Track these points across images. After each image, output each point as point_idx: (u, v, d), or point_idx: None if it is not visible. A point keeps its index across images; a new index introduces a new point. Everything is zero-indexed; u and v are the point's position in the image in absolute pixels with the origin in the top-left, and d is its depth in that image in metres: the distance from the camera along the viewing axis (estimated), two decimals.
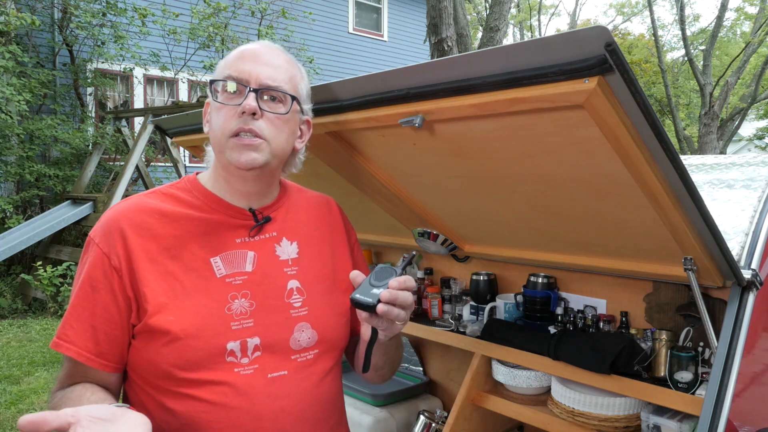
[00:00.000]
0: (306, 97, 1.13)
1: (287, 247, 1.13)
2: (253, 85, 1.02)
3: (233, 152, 1.02)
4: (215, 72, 1.09)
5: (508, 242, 1.81)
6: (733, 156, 2.05)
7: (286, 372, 1.04)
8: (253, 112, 1.01)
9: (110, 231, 1.02)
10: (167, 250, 1.02)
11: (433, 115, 1.15)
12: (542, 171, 1.26)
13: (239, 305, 1.03)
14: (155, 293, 0.99)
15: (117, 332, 1.00)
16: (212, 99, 1.07)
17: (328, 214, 1.24)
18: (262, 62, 1.04)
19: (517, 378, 1.80)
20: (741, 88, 16.30)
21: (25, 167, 7.15)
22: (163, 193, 1.10)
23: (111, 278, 1.00)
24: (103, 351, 1.00)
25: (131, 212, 1.04)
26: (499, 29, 7.64)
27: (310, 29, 11.05)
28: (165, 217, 1.05)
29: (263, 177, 1.10)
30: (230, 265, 1.05)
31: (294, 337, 1.07)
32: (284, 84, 1.05)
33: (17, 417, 3.72)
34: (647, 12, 16.75)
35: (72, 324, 1.00)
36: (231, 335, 1.01)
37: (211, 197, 1.09)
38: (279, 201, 1.16)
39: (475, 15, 18.71)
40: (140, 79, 9.44)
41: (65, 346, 1.00)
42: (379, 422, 2.07)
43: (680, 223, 1.20)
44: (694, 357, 1.43)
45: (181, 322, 0.98)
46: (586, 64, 0.88)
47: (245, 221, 1.10)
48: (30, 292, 6.44)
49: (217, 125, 1.04)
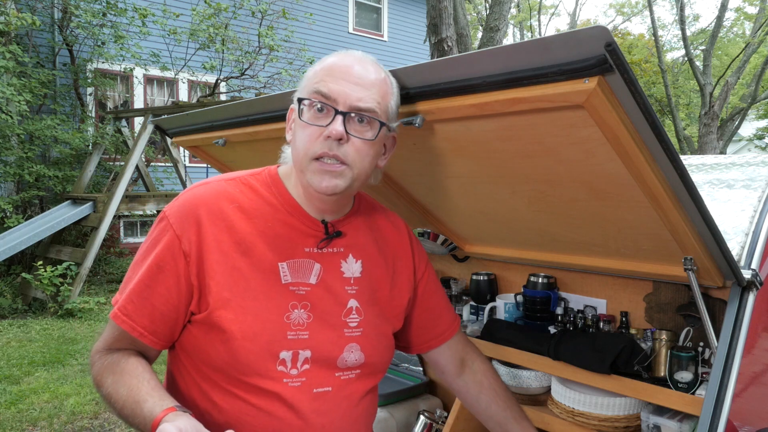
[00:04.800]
0: (394, 115, 1.08)
1: (352, 264, 1.11)
2: (341, 107, 0.98)
3: (314, 176, 1.00)
4: (302, 83, 1.04)
5: (508, 242, 1.81)
6: (733, 156, 2.05)
7: (330, 388, 1.05)
8: (340, 137, 0.97)
9: (187, 215, 1.01)
10: (239, 244, 1.02)
11: (433, 115, 1.15)
12: (542, 171, 1.26)
13: (298, 315, 1.03)
14: (220, 286, 0.99)
15: (173, 314, 1.01)
16: (297, 116, 1.03)
17: (397, 237, 1.22)
18: (353, 81, 0.99)
19: (517, 378, 1.80)
20: (741, 88, 16.30)
21: (25, 167, 7.15)
22: (243, 183, 1.08)
23: (178, 261, 0.99)
24: (157, 329, 1.01)
25: (211, 198, 1.03)
26: (499, 29, 7.64)
27: (311, 29, 11.05)
28: (242, 211, 1.04)
29: (342, 199, 1.09)
30: (296, 273, 1.04)
31: (343, 356, 1.06)
32: (375, 105, 1.00)
33: (17, 417, 3.72)
34: (647, 12, 16.76)
35: (133, 299, 1.00)
36: (286, 344, 1.01)
37: (289, 201, 1.07)
38: (351, 216, 1.14)
39: (475, 15, 18.71)
40: (140, 79, 9.44)
41: (122, 318, 1.00)
42: (379, 422, 2.07)
43: (680, 223, 1.20)
44: (694, 357, 1.43)
45: (240, 322, 0.98)
46: (586, 64, 0.88)
47: (316, 232, 1.08)
48: (30, 292, 6.44)
49: (301, 144, 1.01)
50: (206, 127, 1.72)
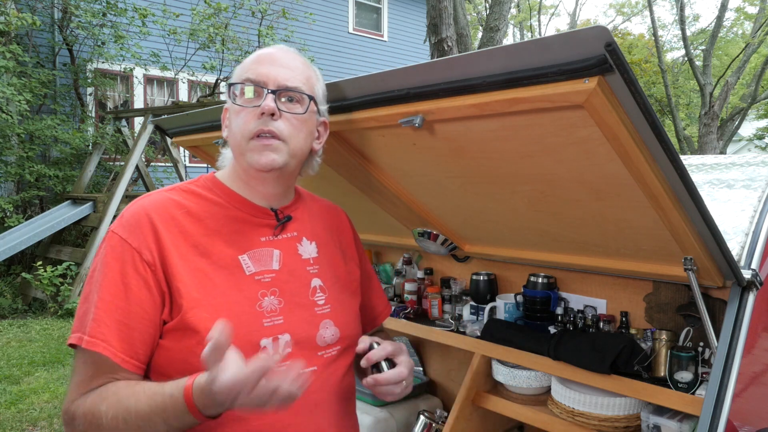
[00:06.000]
0: (322, 98, 1.15)
1: (308, 246, 1.15)
2: (271, 86, 1.04)
3: (253, 154, 1.04)
4: (233, 77, 1.10)
5: (508, 242, 1.81)
6: (733, 156, 2.05)
7: (316, 368, 1.07)
8: (272, 112, 1.02)
9: (140, 226, 1.00)
10: (195, 247, 1.02)
11: (433, 115, 1.15)
12: (542, 171, 1.26)
13: (269, 302, 1.04)
14: (189, 288, 0.98)
15: (151, 330, 0.97)
16: (231, 102, 1.08)
17: (337, 220, 1.28)
18: (278, 65, 1.06)
19: (517, 378, 1.80)
20: (741, 88, 16.29)
21: (25, 167, 7.15)
22: (184, 190, 1.09)
23: (145, 274, 0.97)
24: (138, 352, 0.95)
25: (158, 206, 1.04)
26: (499, 29, 7.64)
27: (311, 29, 11.05)
28: (190, 215, 1.05)
29: (282, 178, 1.11)
30: (258, 262, 1.07)
31: (320, 333, 1.09)
32: (301, 84, 1.07)
33: (17, 417, 3.72)
34: (647, 12, 16.76)
35: (106, 322, 0.93)
36: (264, 332, 1.02)
37: (234, 196, 1.10)
38: (296, 202, 1.18)
39: (475, 15, 18.70)
40: (140, 79, 9.44)
41: (102, 345, 0.92)
42: (379, 422, 2.07)
43: (680, 223, 1.20)
44: (694, 357, 1.43)
45: (215, 319, 0.94)
46: (586, 64, 0.88)
47: (268, 220, 1.11)
48: (30, 292, 6.44)
49: (236, 128, 1.06)
50: (206, 127, 1.72)
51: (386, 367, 1.07)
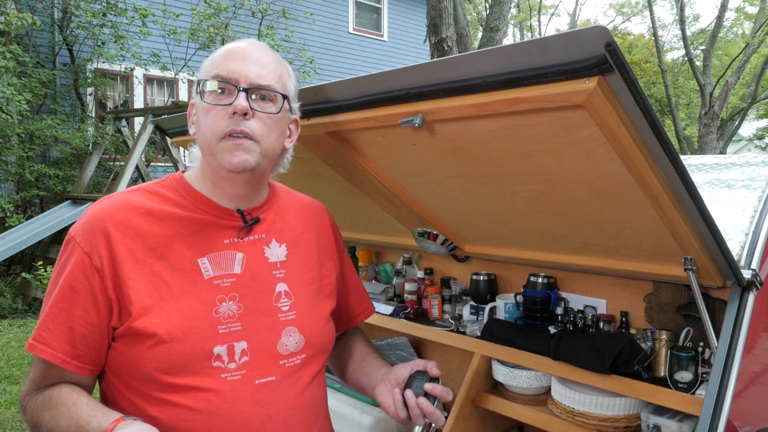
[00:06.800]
0: (294, 96, 1.12)
1: (276, 249, 1.11)
2: (243, 84, 1.00)
3: (224, 154, 1.00)
4: (201, 71, 1.06)
5: (508, 242, 1.81)
6: (733, 156, 2.05)
7: (274, 378, 1.03)
8: (245, 112, 0.99)
9: (92, 230, 0.98)
10: (153, 249, 1.00)
11: (433, 115, 1.15)
12: (542, 171, 1.26)
13: (227, 308, 1.01)
14: (140, 295, 0.97)
15: (95, 335, 0.97)
16: (199, 100, 1.04)
17: (317, 218, 1.23)
18: (250, 61, 1.02)
19: (517, 378, 1.80)
20: (741, 88, 16.30)
21: (25, 167, 7.15)
22: (147, 191, 1.06)
23: (92, 279, 0.97)
24: (80, 353, 0.97)
25: (115, 210, 1.01)
26: (499, 29, 7.64)
27: (311, 29, 11.05)
28: (151, 215, 1.02)
29: (253, 179, 1.07)
30: (218, 266, 1.03)
31: (282, 341, 1.05)
32: (274, 83, 1.04)
33: (17, 417, 3.72)
34: (647, 12, 16.76)
35: (48, 325, 0.97)
36: (218, 339, 0.99)
37: (199, 197, 1.06)
38: (268, 202, 1.14)
39: (475, 15, 18.70)
40: (140, 79, 9.44)
41: (40, 347, 0.96)
42: (379, 422, 2.07)
43: (680, 223, 1.20)
44: (694, 357, 1.43)
45: (166, 324, 0.96)
46: (586, 64, 0.88)
47: (234, 222, 1.07)
48: (30, 292, 6.44)
49: (206, 127, 1.01)
50: None
51: (434, 403, 1.09)
